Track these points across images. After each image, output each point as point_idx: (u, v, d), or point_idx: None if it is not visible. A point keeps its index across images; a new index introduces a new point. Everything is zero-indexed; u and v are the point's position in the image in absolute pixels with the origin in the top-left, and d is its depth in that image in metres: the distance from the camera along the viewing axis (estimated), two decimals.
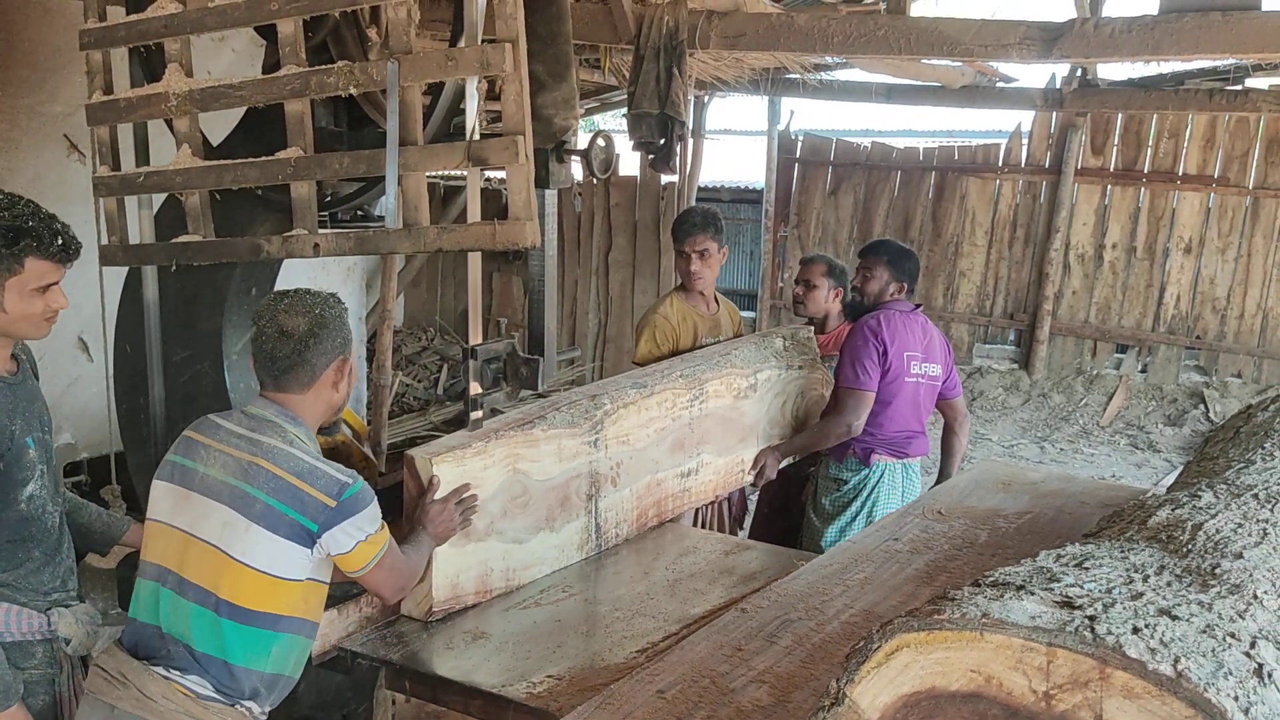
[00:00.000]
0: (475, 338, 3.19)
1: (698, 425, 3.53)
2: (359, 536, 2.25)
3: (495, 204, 10.21)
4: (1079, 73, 7.78)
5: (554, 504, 2.97)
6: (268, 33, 3.19)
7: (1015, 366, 9.40)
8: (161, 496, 2.31)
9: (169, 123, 3.31)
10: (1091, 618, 1.33)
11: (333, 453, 3.64)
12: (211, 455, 2.27)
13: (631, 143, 5.10)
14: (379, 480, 3.79)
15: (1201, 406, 8.57)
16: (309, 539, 2.20)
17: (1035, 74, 8.40)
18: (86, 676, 2.30)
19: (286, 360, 2.29)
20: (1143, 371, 9.04)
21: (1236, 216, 8.64)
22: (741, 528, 4.58)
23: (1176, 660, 1.26)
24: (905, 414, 4.02)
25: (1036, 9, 5.26)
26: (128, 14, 3.19)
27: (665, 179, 9.61)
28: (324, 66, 2.86)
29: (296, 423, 2.31)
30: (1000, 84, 8.21)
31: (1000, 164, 9.29)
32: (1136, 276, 8.99)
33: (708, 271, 4.19)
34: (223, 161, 3.10)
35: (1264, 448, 2.62)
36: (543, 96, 3.08)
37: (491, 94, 4.59)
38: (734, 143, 14.36)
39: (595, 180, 9.82)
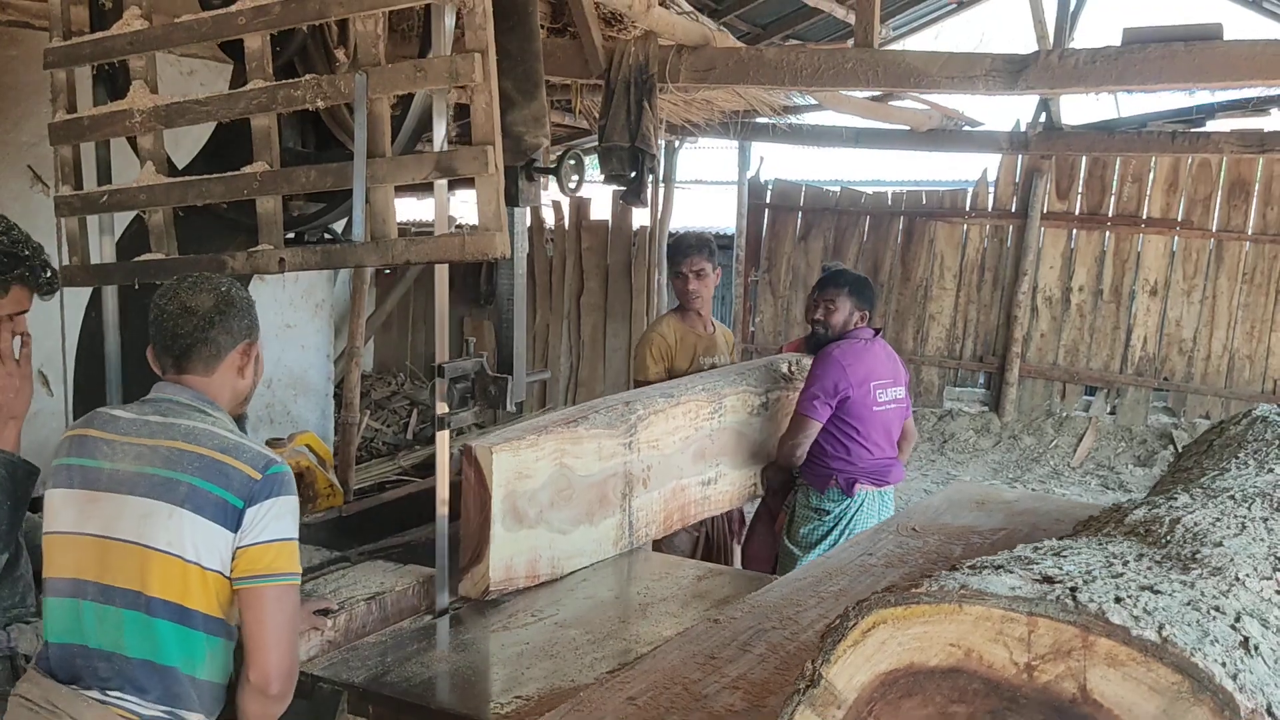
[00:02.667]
0: (442, 355, 3.15)
1: (717, 437, 3.75)
2: (279, 531, 2.08)
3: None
4: (1043, 116, 7.90)
5: (593, 500, 3.15)
6: (234, 53, 3.18)
7: (985, 409, 9.42)
8: (62, 506, 2.14)
9: (133, 145, 3.28)
10: (1073, 589, 1.30)
11: (297, 479, 3.58)
12: (117, 449, 2.12)
13: (603, 176, 5.11)
14: (343, 509, 3.74)
15: (1171, 448, 8.61)
16: (234, 518, 2.05)
17: (1001, 117, 8.54)
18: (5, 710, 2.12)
19: (189, 338, 2.17)
20: (1111, 413, 9.09)
21: (1201, 259, 8.76)
22: (739, 540, 4.68)
23: (1161, 627, 1.23)
24: (881, 442, 4.08)
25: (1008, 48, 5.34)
26: (91, 32, 3.17)
27: (637, 223, 9.65)
28: (291, 80, 2.84)
29: (214, 405, 2.20)
30: (966, 127, 8.32)
31: (967, 209, 9.40)
32: (1104, 319, 9.07)
33: (705, 291, 4.46)
34: (187, 178, 3.07)
35: (1238, 457, 2.61)
36: (513, 114, 3.07)
37: (461, 114, 4.59)
38: (705, 191, 14.48)
39: (565, 223, 9.87)
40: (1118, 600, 1.28)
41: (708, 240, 4.52)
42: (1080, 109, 8.62)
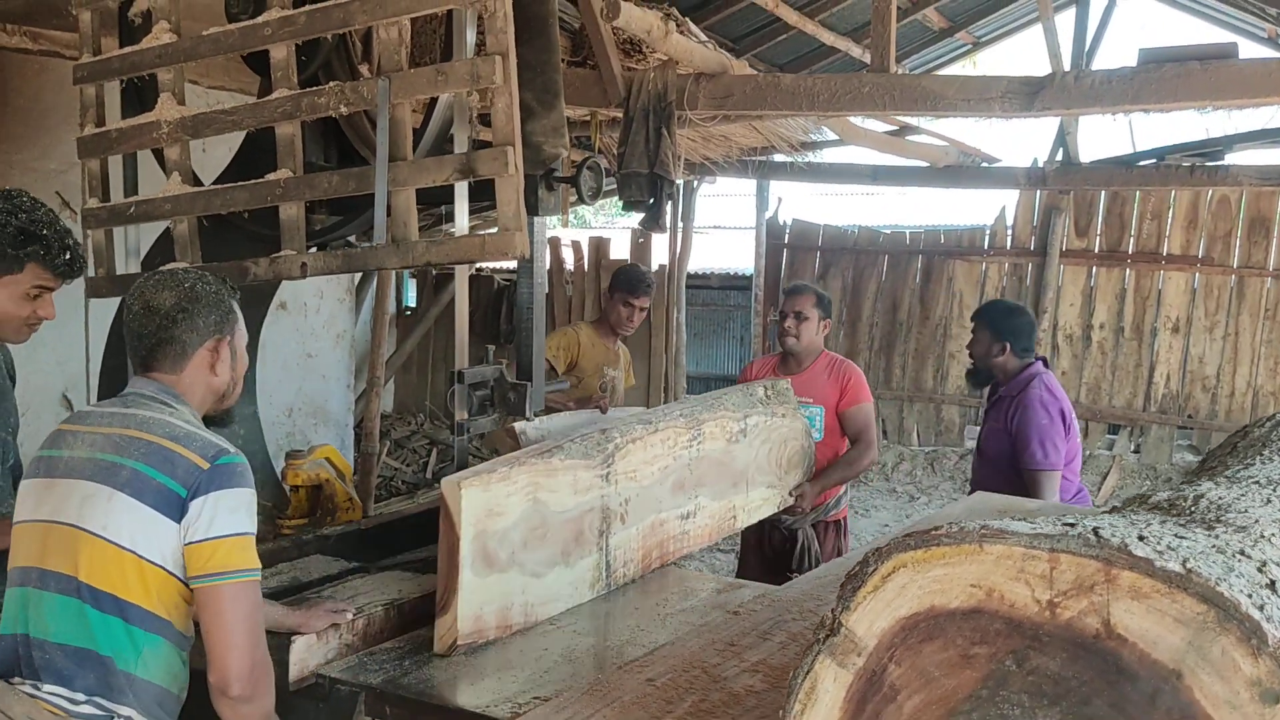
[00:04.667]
0: (462, 361, 3.17)
1: (696, 466, 3.43)
2: (231, 525, 1.96)
3: (487, 288, 10.29)
4: (1060, 152, 7.93)
5: (569, 538, 2.86)
6: (260, 68, 3.24)
7: None
8: (25, 495, 2.12)
9: (159, 160, 3.34)
10: (1095, 529, 1.28)
11: (316, 490, 3.58)
12: (79, 439, 2.09)
13: (621, 202, 5.15)
14: (362, 523, 3.73)
15: None
16: (178, 508, 1.94)
17: (1018, 155, 8.57)
18: None
19: (153, 337, 2.13)
20: (1135, 451, 9.00)
21: (1222, 295, 8.72)
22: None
23: (1185, 560, 1.21)
24: (1075, 472, 4.18)
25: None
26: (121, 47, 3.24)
27: (655, 263, 9.69)
28: (315, 88, 2.89)
29: (179, 399, 2.13)
30: (984, 163, 8.35)
31: (986, 247, 9.41)
32: (1125, 356, 9.02)
33: (636, 324, 5.13)
34: (212, 187, 3.12)
35: (1262, 454, 2.58)
36: (532, 124, 3.11)
37: (482, 121, 4.66)
38: (722, 236, 14.56)
39: (585, 263, 9.93)
40: (1141, 539, 1.27)
41: (654, 282, 5.31)
42: (1097, 145, 8.66)
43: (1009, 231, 9.33)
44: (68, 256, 2.46)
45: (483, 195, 2.90)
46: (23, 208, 2.44)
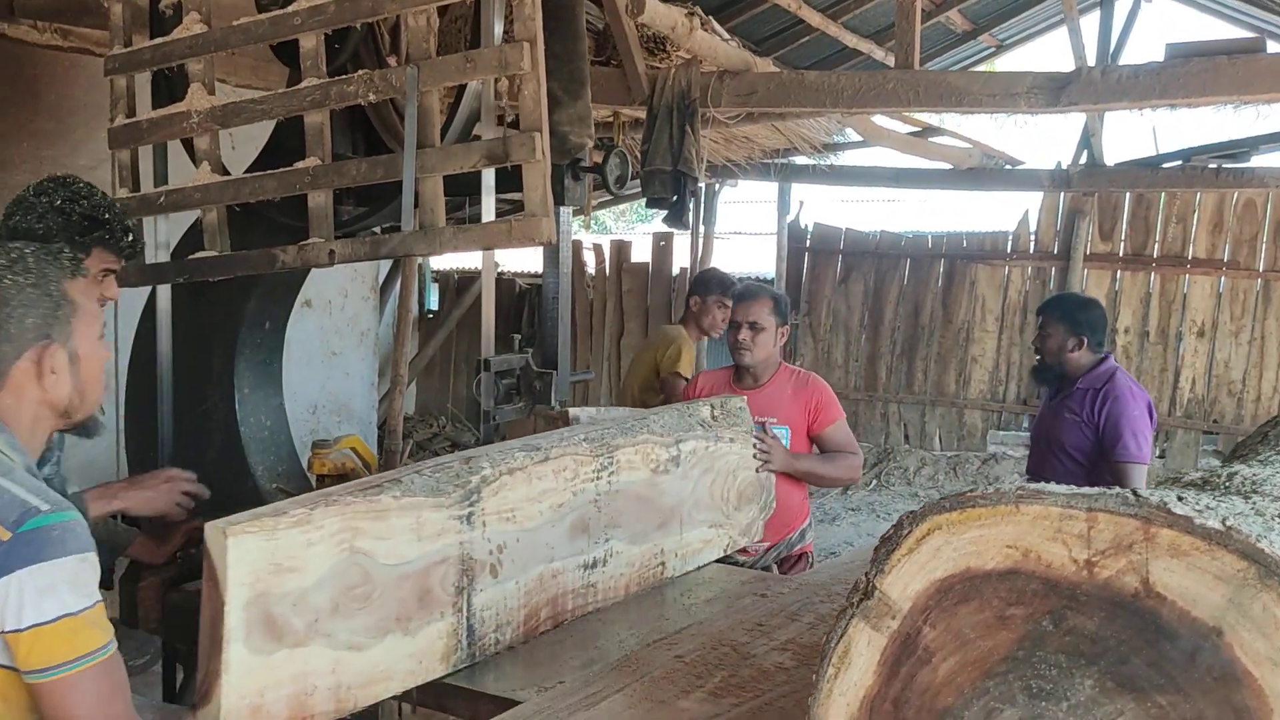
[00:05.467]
0: (488, 350, 3.18)
1: (606, 504, 2.73)
2: (49, 609, 1.55)
3: (508, 291, 10.32)
4: (1084, 155, 7.89)
5: (408, 598, 2.19)
6: (289, 59, 3.26)
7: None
8: None
9: (188, 151, 3.37)
10: (1134, 490, 1.28)
11: (341, 480, 3.59)
12: None
13: (645, 200, 5.16)
14: None
15: None
16: None
17: (1042, 156, 8.53)
18: None
19: None
20: (1161, 456, 8.93)
21: (1248, 299, 8.66)
22: None
23: (1224, 519, 1.20)
24: None
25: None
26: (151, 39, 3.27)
27: (677, 266, 9.71)
28: (343, 77, 2.91)
29: None
30: (1008, 165, 8.32)
31: (1009, 251, 9.37)
32: (1150, 361, 8.96)
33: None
34: (241, 176, 3.14)
35: None
36: (559, 113, 3.12)
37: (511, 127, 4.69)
38: (743, 241, 14.55)
39: (606, 267, 9.95)
40: (1179, 500, 1.26)
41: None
42: (1121, 147, 8.61)
43: (1032, 235, 9.29)
44: (130, 238, 2.52)
45: (508, 187, 2.92)
46: (82, 194, 2.51)
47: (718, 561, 3.16)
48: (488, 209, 2.84)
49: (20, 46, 4.40)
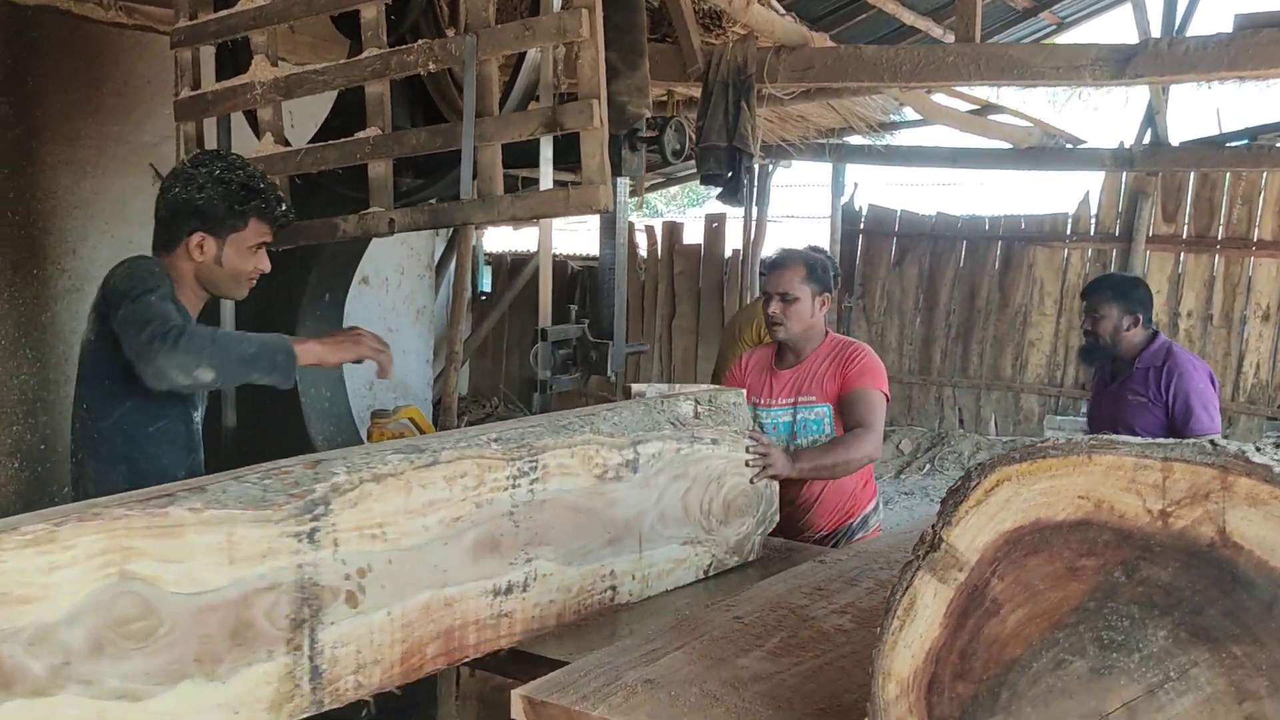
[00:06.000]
0: (545, 319, 3.19)
1: (528, 517, 2.30)
2: None
3: (560, 274, 10.35)
4: (1149, 133, 7.73)
5: (216, 634, 1.80)
6: (349, 31, 3.29)
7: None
8: None
9: (251, 123, 3.42)
10: (1211, 440, 1.25)
11: None
12: None
13: (700, 177, 5.15)
14: None
15: None
16: None
17: (1104, 134, 8.38)
18: None
19: None
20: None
21: None
22: None
23: None
24: None
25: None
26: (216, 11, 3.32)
27: (729, 248, 9.67)
28: (404, 46, 2.93)
29: None
30: (1068, 145, 8.17)
31: (1068, 233, 9.21)
32: (1214, 345, 8.77)
33: None
34: (303, 146, 3.18)
35: None
36: (616, 84, 3.12)
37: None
38: (796, 225, 14.47)
39: (658, 249, 9.94)
40: (1257, 450, 1.23)
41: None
42: (1185, 127, 8.43)
43: (1093, 217, 9.13)
44: (284, 208, 2.58)
45: (564, 160, 2.92)
46: (237, 165, 2.59)
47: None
48: (545, 178, 2.85)
49: (86, 24, 4.48)
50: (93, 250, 4.61)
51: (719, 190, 5.13)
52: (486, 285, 11.35)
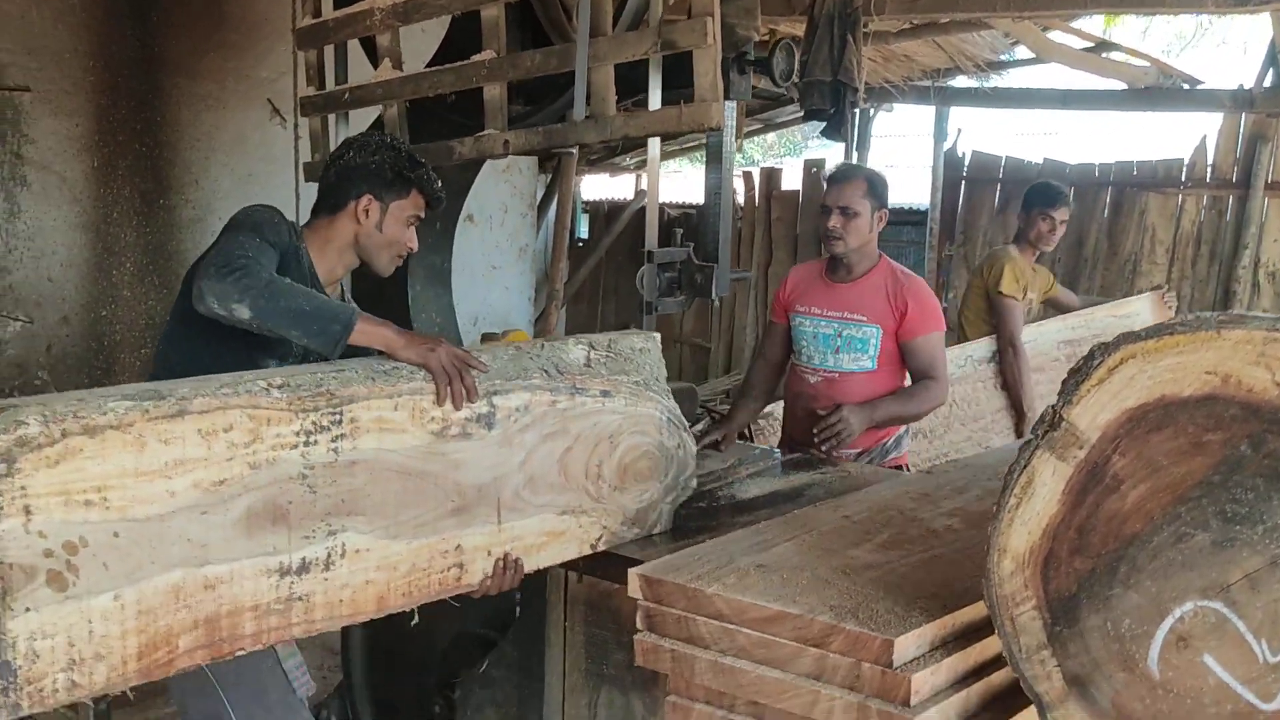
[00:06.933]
0: (652, 241, 3.24)
1: (330, 481, 1.93)
2: None
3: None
4: (1270, 73, 7.41)
5: None
6: None
7: None
8: None
9: (368, 53, 3.51)
10: None
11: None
12: None
13: (803, 112, 5.12)
14: None
15: None
16: None
17: (1224, 74, 8.05)
18: None
19: None
20: None
21: None
22: None
23: None
24: None
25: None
26: None
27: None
28: None
29: None
30: (1185, 85, 7.87)
31: (1183, 179, 8.90)
32: None
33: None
34: (421, 70, 3.26)
35: None
36: (725, 6, 3.11)
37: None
38: (896, 174, 14.22)
39: (755, 194, 9.88)
40: None
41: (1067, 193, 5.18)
42: None
43: (1209, 164, 8.80)
44: (439, 185, 2.62)
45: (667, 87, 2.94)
46: (397, 141, 2.69)
47: None
48: (655, 98, 2.87)
49: None
50: (214, 182, 4.79)
51: (823, 126, 5.09)
52: (584, 233, 11.43)
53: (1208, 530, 1.27)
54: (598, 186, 12.78)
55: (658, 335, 2.69)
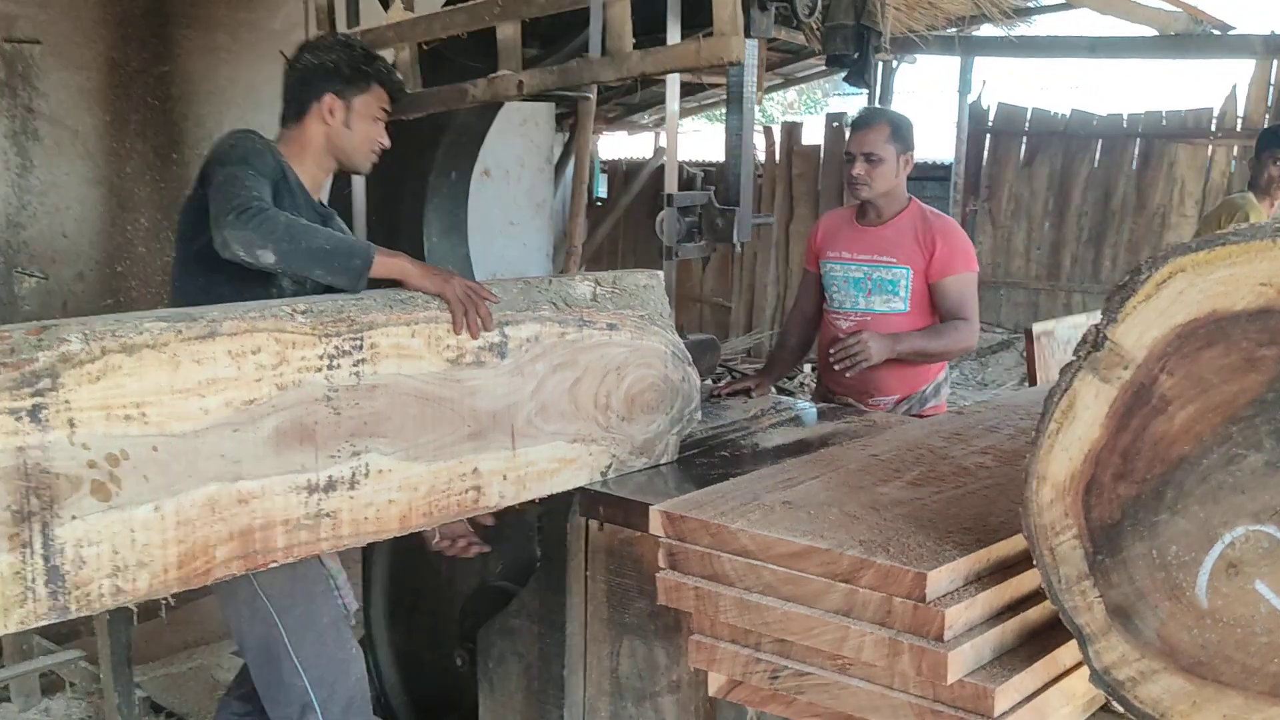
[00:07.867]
0: (671, 185, 3.16)
1: (352, 404, 2.02)
2: None
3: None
4: None
5: None
6: None
7: None
8: None
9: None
10: None
11: None
12: None
13: (825, 56, 5.00)
14: None
15: None
16: None
17: (1256, 19, 7.85)
18: None
19: None
20: None
21: None
22: None
23: None
24: None
25: None
26: None
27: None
28: None
29: None
30: (1216, 31, 7.69)
31: (1213, 129, 8.72)
32: None
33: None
34: (432, 11, 3.18)
35: None
36: None
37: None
38: (920, 129, 14.02)
39: (776, 150, 9.75)
40: None
41: None
42: None
43: (1239, 114, 8.62)
44: (399, 77, 2.65)
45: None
46: (352, 38, 2.73)
47: None
48: (674, 33, 2.79)
49: None
50: None
51: (845, 71, 4.98)
52: (602, 192, 11.34)
53: (1261, 451, 1.20)
54: (616, 145, 12.67)
55: (660, 273, 2.75)
